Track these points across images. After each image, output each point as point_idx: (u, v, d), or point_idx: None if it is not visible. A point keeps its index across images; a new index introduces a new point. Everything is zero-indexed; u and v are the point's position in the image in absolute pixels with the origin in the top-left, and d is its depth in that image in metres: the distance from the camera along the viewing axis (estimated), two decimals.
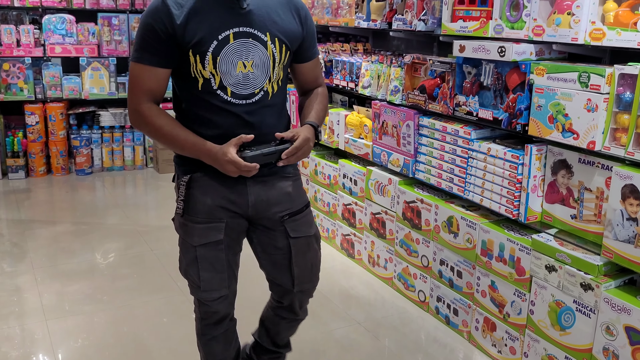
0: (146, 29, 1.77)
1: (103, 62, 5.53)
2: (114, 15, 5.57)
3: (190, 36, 1.75)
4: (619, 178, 2.06)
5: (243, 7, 1.79)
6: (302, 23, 1.93)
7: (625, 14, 2.09)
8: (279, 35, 1.84)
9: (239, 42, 1.79)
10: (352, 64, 3.63)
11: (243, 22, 1.79)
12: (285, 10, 1.88)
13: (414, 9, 3.14)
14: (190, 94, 1.84)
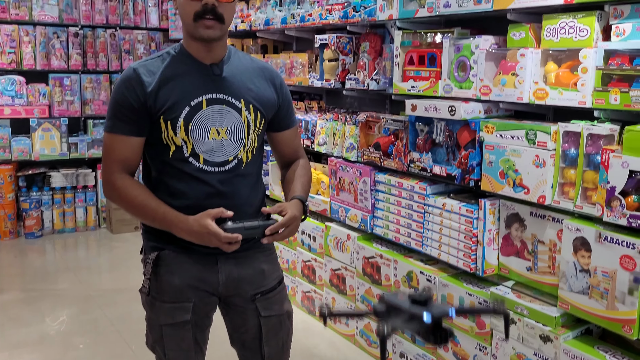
0: (118, 98, 1.75)
1: (54, 122, 5.45)
2: (65, 76, 5.52)
3: (162, 103, 1.73)
4: (569, 231, 2.13)
5: (217, 73, 1.79)
6: (278, 91, 1.91)
7: (565, 75, 2.21)
8: (253, 102, 1.83)
9: (213, 109, 1.77)
10: (307, 121, 3.69)
11: (217, 89, 1.78)
12: (260, 78, 1.87)
13: (365, 69, 3.24)
14: (161, 161, 1.80)
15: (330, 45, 3.42)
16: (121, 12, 5.75)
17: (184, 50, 1.81)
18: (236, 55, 1.88)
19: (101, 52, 5.67)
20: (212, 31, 1.72)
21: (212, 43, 1.77)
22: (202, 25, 1.71)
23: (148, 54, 5.89)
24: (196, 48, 1.78)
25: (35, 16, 5.39)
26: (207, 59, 1.79)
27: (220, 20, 1.72)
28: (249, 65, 1.88)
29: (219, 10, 1.71)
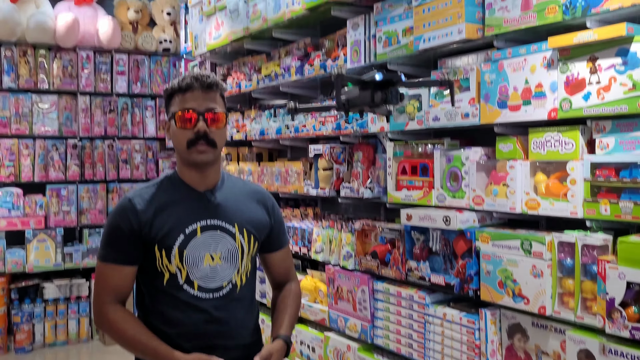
0: (112, 227, 1.79)
1: (50, 233, 5.46)
2: (63, 186, 5.60)
3: (157, 231, 1.77)
4: (573, 343, 2.11)
5: (210, 200, 1.84)
6: (270, 213, 1.97)
7: (555, 186, 2.28)
8: (247, 225, 1.87)
9: (207, 235, 1.81)
10: (303, 229, 3.72)
11: (210, 215, 1.82)
12: (252, 200, 1.94)
13: (359, 177, 3.31)
14: (155, 289, 1.81)
15: (325, 155, 3.52)
16: (119, 123, 5.92)
17: (178, 178, 1.87)
18: (229, 179, 1.97)
19: (99, 162, 5.78)
20: (205, 156, 1.80)
21: (206, 169, 1.84)
22: (196, 151, 1.79)
23: (145, 162, 6.01)
24: (190, 175, 1.85)
25: (36, 130, 5.53)
26: (201, 186, 1.86)
27: (212, 145, 1.80)
28: (242, 189, 1.96)
29: (211, 136, 1.79)
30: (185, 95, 1.82)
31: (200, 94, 1.81)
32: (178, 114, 1.80)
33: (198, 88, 1.81)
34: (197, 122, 1.78)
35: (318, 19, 3.77)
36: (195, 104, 1.80)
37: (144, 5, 6.04)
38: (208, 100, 1.82)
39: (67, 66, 5.67)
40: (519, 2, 2.34)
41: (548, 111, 2.26)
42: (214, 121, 1.81)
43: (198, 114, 1.79)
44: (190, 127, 1.78)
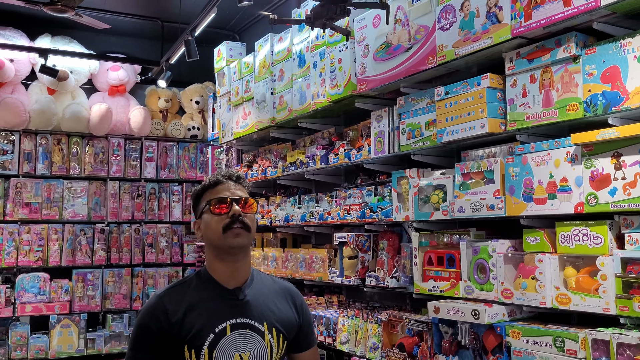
0: (141, 328, 1.80)
1: (74, 318, 5.46)
2: (89, 271, 5.65)
3: (187, 331, 1.77)
4: None
5: (240, 298, 1.84)
6: (299, 312, 1.97)
7: (585, 280, 2.24)
8: (276, 324, 1.87)
9: (236, 334, 1.80)
10: (328, 318, 3.67)
11: (240, 313, 1.83)
12: (281, 298, 1.94)
13: (385, 266, 3.30)
14: None
15: (349, 243, 3.53)
16: (147, 208, 6.04)
17: (207, 276, 1.90)
18: (259, 276, 1.98)
19: (125, 247, 5.86)
20: (241, 239, 1.84)
21: (238, 259, 1.87)
22: (232, 234, 1.83)
23: (170, 246, 6.07)
24: (221, 270, 1.88)
25: (65, 215, 5.66)
26: (231, 283, 1.88)
27: (247, 229, 1.86)
28: (271, 287, 1.97)
29: (245, 219, 1.86)
30: (217, 187, 1.92)
31: (230, 185, 1.92)
32: (212, 202, 1.87)
33: (227, 181, 1.93)
34: (232, 205, 1.85)
35: (342, 110, 3.89)
36: (228, 192, 1.90)
37: (173, 95, 6.29)
38: (238, 190, 1.92)
39: (99, 153, 5.86)
40: (540, 99, 2.40)
41: (574, 205, 2.26)
42: (247, 206, 1.89)
43: (233, 200, 1.87)
44: (226, 212, 1.84)
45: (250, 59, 4.68)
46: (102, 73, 5.89)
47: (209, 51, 5.65)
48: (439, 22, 2.81)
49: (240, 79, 4.81)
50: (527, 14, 2.37)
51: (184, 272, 6.15)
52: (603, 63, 2.19)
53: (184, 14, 5.44)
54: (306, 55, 3.90)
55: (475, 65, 2.88)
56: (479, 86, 2.62)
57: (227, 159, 5.43)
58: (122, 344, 5.65)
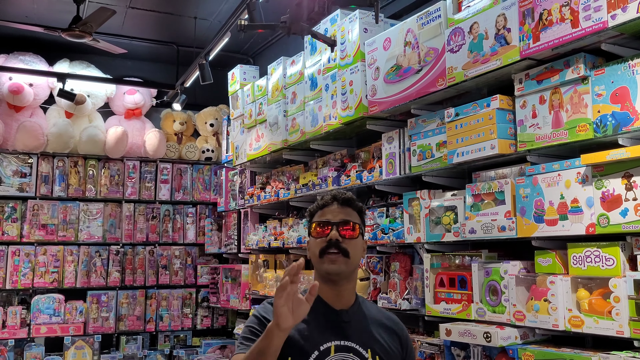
0: (255, 320, 1.79)
1: (88, 340, 5.48)
2: (103, 293, 5.68)
3: (291, 345, 1.73)
4: None
5: (346, 320, 1.80)
6: (403, 346, 1.89)
7: (598, 303, 2.21)
8: (380, 354, 1.80)
9: (340, 356, 1.75)
10: None
11: (345, 336, 1.78)
12: (387, 328, 1.88)
13: (397, 288, 3.28)
14: None
15: (361, 265, 3.52)
16: (161, 230, 6.08)
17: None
18: (364, 303, 1.92)
19: (139, 269, 5.89)
20: (337, 266, 1.78)
21: (340, 284, 1.82)
22: (327, 259, 1.78)
23: (184, 268, 6.09)
24: (326, 292, 1.82)
25: (81, 237, 5.72)
26: (337, 304, 1.83)
27: (344, 254, 1.79)
28: (376, 315, 1.90)
29: (343, 244, 1.79)
30: (324, 210, 1.88)
31: (336, 208, 1.87)
32: (314, 225, 1.85)
33: (335, 203, 1.88)
34: (331, 231, 1.80)
35: (354, 132, 3.91)
36: (331, 216, 1.85)
37: (188, 117, 6.37)
38: (343, 214, 1.86)
39: (115, 175, 5.93)
40: (550, 120, 2.40)
41: (586, 226, 2.25)
42: (347, 230, 1.82)
43: (332, 224, 1.82)
44: (324, 236, 1.80)
45: (264, 82, 4.73)
46: (119, 97, 5.99)
47: (223, 74, 5.73)
48: (448, 44, 2.83)
49: (253, 102, 4.87)
50: (536, 35, 2.38)
51: (197, 294, 6.15)
52: (612, 84, 2.19)
53: (198, 38, 5.53)
54: (318, 78, 3.94)
55: (485, 86, 2.89)
56: (489, 107, 2.63)
57: (240, 181, 5.46)
58: None
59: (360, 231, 1.86)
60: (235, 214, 5.46)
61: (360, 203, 1.93)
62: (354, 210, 1.90)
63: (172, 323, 5.95)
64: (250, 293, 5.02)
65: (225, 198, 5.67)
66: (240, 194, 5.41)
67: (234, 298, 5.35)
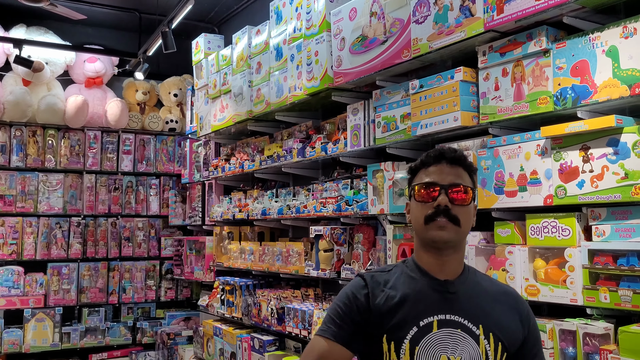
0: (341, 302, 1.62)
1: (48, 312, 5.40)
2: (64, 265, 5.59)
3: (387, 320, 1.56)
4: None
5: (452, 291, 1.59)
6: (524, 322, 1.64)
7: (554, 272, 2.27)
8: (495, 330, 1.56)
9: (445, 332, 1.54)
10: (304, 311, 3.67)
11: (450, 310, 1.56)
12: (503, 303, 1.64)
13: (360, 259, 3.32)
14: None
15: (325, 236, 3.53)
16: (123, 201, 5.99)
17: (415, 264, 1.66)
18: (475, 274, 1.70)
19: (101, 240, 5.80)
20: (446, 233, 1.57)
21: (446, 253, 1.61)
22: (435, 226, 1.57)
23: (147, 240, 6.03)
24: (428, 261, 1.63)
25: (40, 208, 5.59)
26: (440, 274, 1.62)
27: (454, 222, 1.57)
28: (489, 288, 1.67)
29: (453, 212, 1.57)
30: (429, 169, 1.64)
31: (445, 167, 1.62)
32: (417, 187, 1.63)
33: (444, 162, 1.63)
34: (439, 195, 1.58)
35: (319, 103, 3.89)
36: (439, 177, 1.61)
37: (151, 87, 6.24)
38: (453, 175, 1.61)
39: (75, 146, 5.80)
40: (512, 92, 2.42)
41: (544, 198, 2.29)
42: (459, 196, 1.59)
43: (441, 187, 1.59)
44: (430, 201, 1.59)
45: (228, 51, 4.65)
46: (79, 64, 5.82)
47: (188, 44, 5.61)
48: (413, 15, 2.82)
49: (218, 72, 4.79)
50: (500, 7, 2.39)
51: (161, 266, 6.10)
52: (573, 57, 2.21)
53: (161, 6, 5.38)
54: (283, 48, 3.89)
55: (450, 58, 2.89)
56: (453, 79, 2.64)
57: (205, 153, 5.40)
58: (97, 338, 5.61)
59: (473, 196, 1.62)
60: (200, 186, 5.41)
61: (471, 161, 1.69)
62: (465, 171, 1.65)
63: (135, 295, 5.91)
64: (214, 265, 5.01)
65: (189, 170, 5.61)
66: (204, 165, 5.35)
67: (198, 270, 5.34)
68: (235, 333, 4.35)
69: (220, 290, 4.76)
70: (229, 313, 4.58)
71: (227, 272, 4.93)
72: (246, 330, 4.36)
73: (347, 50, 3.24)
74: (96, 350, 5.64)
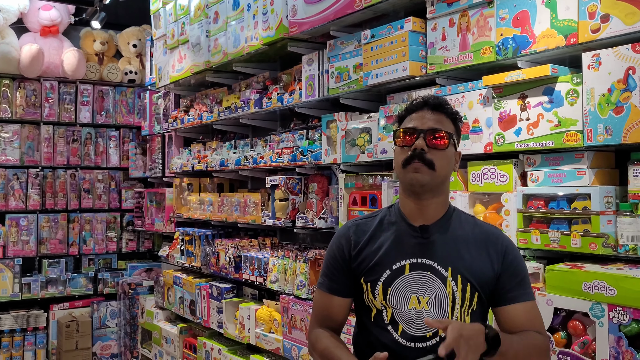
0: (328, 255, 1.81)
1: (7, 263, 5.39)
2: (22, 216, 5.55)
3: (364, 264, 1.71)
4: None
5: (425, 237, 1.69)
6: (497, 260, 1.69)
7: (492, 216, 2.37)
8: (463, 272, 1.65)
9: (415, 275, 1.66)
10: (260, 259, 3.76)
11: (422, 253, 1.67)
12: (478, 245, 1.71)
13: (314, 208, 3.39)
14: (364, 324, 1.75)
15: (281, 186, 3.59)
16: (82, 153, 5.93)
17: (397, 210, 1.77)
18: (457, 218, 1.76)
19: (60, 192, 5.77)
20: (420, 176, 1.64)
21: (424, 197, 1.69)
22: (411, 169, 1.65)
23: (108, 192, 6.02)
24: (408, 206, 1.73)
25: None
26: (418, 220, 1.72)
27: (429, 165, 1.64)
28: (469, 231, 1.74)
29: (428, 156, 1.64)
30: (412, 115, 1.73)
31: (426, 113, 1.70)
32: (398, 132, 1.71)
33: (426, 108, 1.71)
34: (416, 139, 1.65)
35: (277, 54, 3.89)
36: (419, 122, 1.69)
37: (110, 37, 6.11)
38: (433, 121, 1.69)
39: (31, 96, 5.69)
40: (458, 42, 2.48)
41: (484, 145, 2.38)
42: (435, 141, 1.65)
43: (418, 132, 1.66)
44: (408, 145, 1.66)
45: (186, 0, 4.58)
46: (33, 12, 5.65)
47: None
48: None
49: (176, 21, 4.72)
50: None
51: (122, 218, 6.11)
52: (515, 7, 2.27)
53: None
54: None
55: (402, 9, 2.92)
56: (402, 29, 2.68)
57: (165, 104, 5.36)
58: (58, 289, 5.63)
59: (450, 141, 1.68)
60: (160, 138, 5.39)
61: (454, 109, 1.76)
62: (447, 117, 1.72)
63: (96, 247, 5.92)
64: (174, 216, 5.04)
65: (149, 121, 5.57)
66: (164, 117, 5.32)
67: (158, 221, 5.37)
68: (195, 282, 4.43)
69: (180, 240, 4.81)
70: (188, 263, 4.65)
71: (187, 223, 4.97)
72: (205, 279, 4.45)
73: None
74: (57, 300, 5.67)
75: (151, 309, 5.13)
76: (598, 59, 2.00)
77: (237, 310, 3.92)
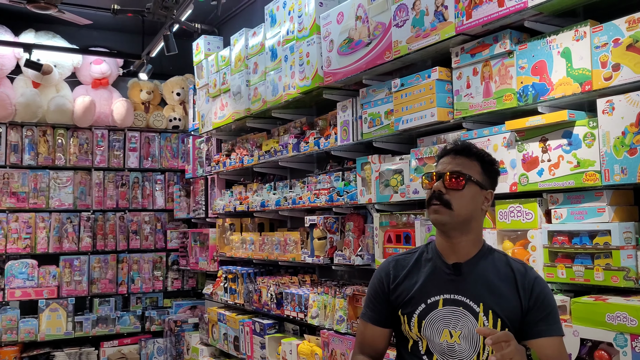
0: (370, 288, 1.98)
1: (62, 302, 5.69)
2: (75, 257, 5.87)
3: (402, 297, 1.85)
4: None
5: (457, 274, 1.81)
6: (524, 295, 1.78)
7: (520, 252, 2.50)
8: (494, 307, 1.74)
9: (448, 309, 1.77)
10: (300, 295, 3.93)
11: (455, 290, 1.78)
12: (507, 280, 1.80)
13: (351, 246, 3.56)
14: (402, 354, 1.89)
15: (319, 225, 3.78)
16: (130, 196, 6.26)
17: (434, 247, 1.91)
18: (490, 256, 1.87)
19: (110, 234, 6.08)
20: (439, 216, 1.79)
21: (452, 236, 1.82)
22: (431, 210, 1.82)
23: (154, 233, 6.31)
24: (442, 245, 1.87)
25: (52, 204, 5.87)
26: (451, 257, 1.85)
27: (446, 205, 1.78)
28: (502, 269, 1.83)
29: (445, 196, 1.78)
30: (439, 161, 1.91)
31: (449, 158, 1.86)
32: (423, 177, 1.90)
33: (450, 154, 1.88)
34: (435, 182, 1.82)
35: (312, 100, 4.14)
36: (442, 167, 1.85)
37: (155, 87, 6.50)
38: (454, 164, 1.83)
39: (83, 144, 6.07)
40: (481, 90, 2.66)
41: (509, 185, 2.53)
42: (451, 181, 1.79)
43: (437, 175, 1.83)
44: (429, 188, 1.84)
45: (227, 52, 4.90)
46: (85, 67, 6.08)
47: (189, 44, 5.86)
48: (394, 19, 3.06)
49: (217, 72, 5.04)
50: (468, 13, 2.62)
51: (167, 258, 6.38)
52: (533, 57, 2.45)
53: None
54: (278, 49, 4.13)
55: (429, 58, 3.13)
56: (430, 78, 2.88)
57: (207, 149, 5.66)
58: (108, 327, 5.89)
59: (469, 182, 1.80)
60: (203, 180, 5.67)
61: (479, 151, 1.88)
62: (473, 160, 1.85)
63: (143, 285, 6.19)
64: (217, 255, 5.27)
65: (192, 165, 5.87)
66: (207, 161, 5.61)
67: (202, 260, 5.61)
68: (238, 318, 4.62)
69: (223, 279, 5.03)
70: (232, 300, 4.85)
71: (230, 261, 5.19)
72: (248, 316, 4.63)
73: (336, 51, 3.48)
74: (107, 338, 5.93)
75: (196, 345, 5.33)
76: (612, 105, 2.16)
77: (279, 345, 4.08)
